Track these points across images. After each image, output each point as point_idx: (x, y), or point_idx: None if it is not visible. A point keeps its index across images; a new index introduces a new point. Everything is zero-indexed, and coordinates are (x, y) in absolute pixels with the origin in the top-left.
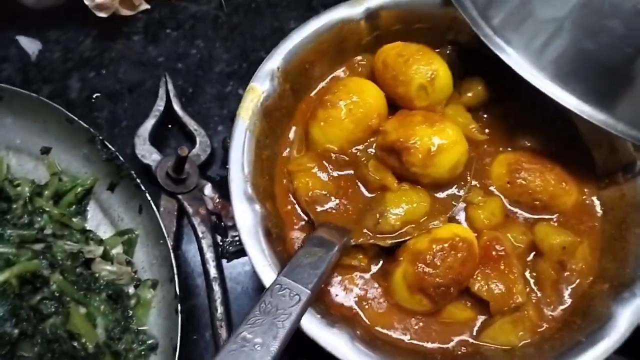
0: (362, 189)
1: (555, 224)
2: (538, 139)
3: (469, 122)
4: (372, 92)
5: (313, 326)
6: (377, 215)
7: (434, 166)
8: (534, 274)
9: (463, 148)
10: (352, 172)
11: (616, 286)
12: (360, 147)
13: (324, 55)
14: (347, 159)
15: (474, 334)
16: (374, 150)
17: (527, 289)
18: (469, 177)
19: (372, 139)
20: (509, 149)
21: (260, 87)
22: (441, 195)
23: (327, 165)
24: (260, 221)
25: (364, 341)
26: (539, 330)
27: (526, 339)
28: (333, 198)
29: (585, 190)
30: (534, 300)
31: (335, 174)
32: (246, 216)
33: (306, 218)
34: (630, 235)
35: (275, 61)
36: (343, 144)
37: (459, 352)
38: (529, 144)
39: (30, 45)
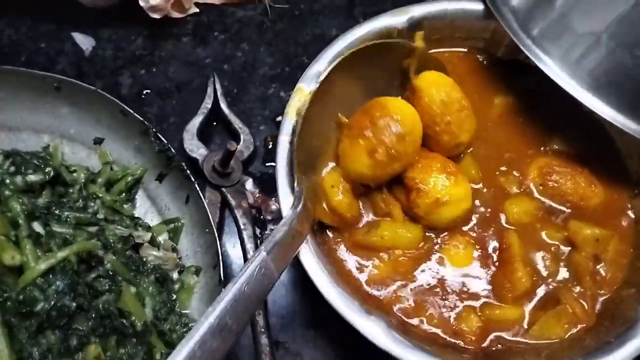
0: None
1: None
2: (569, 143)
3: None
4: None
5: (352, 313)
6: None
7: (436, 215)
8: (571, 269)
9: (467, 205)
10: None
11: None
12: None
13: None
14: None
15: (522, 331)
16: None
17: (547, 279)
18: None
19: None
20: (541, 150)
21: (306, 88)
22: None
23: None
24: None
25: (400, 330)
26: (581, 324)
27: (571, 331)
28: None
29: (615, 196)
30: (575, 295)
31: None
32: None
33: None
34: None
35: (321, 64)
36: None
37: (493, 349)
38: (559, 147)
39: (84, 41)
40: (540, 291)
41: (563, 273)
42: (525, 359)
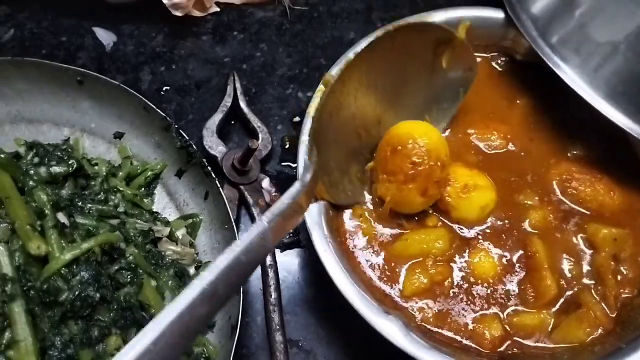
0: None
1: None
2: (590, 148)
3: None
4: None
5: (370, 313)
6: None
7: (467, 200)
8: (594, 271)
9: (494, 195)
10: None
11: None
12: None
13: None
14: None
15: (543, 336)
16: None
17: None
18: None
19: None
20: (560, 157)
21: None
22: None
23: None
24: (323, 212)
25: (418, 331)
26: (602, 328)
27: (593, 335)
28: None
29: (634, 199)
30: (596, 299)
31: None
32: (312, 208)
33: None
34: None
35: (341, 66)
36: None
37: (509, 353)
38: (580, 153)
39: (105, 37)
40: (565, 296)
41: (586, 276)
42: None
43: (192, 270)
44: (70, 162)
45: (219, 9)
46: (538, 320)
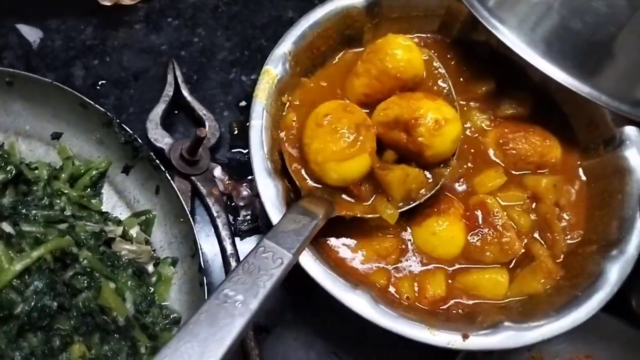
0: None
1: None
2: (518, 105)
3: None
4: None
5: (338, 289)
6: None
7: (440, 136)
8: (539, 221)
9: (461, 125)
10: None
11: (604, 246)
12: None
13: (329, 40)
14: None
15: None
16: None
17: (527, 241)
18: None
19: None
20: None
21: (274, 70)
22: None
23: None
24: (281, 194)
25: (384, 301)
26: (555, 277)
27: (548, 285)
28: None
29: (567, 155)
30: (545, 254)
31: None
32: (269, 190)
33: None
34: (614, 201)
35: (286, 45)
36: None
37: (454, 312)
38: (509, 111)
39: (31, 33)
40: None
41: (533, 228)
42: (502, 316)
43: (150, 268)
44: (7, 169)
45: None
46: (493, 277)
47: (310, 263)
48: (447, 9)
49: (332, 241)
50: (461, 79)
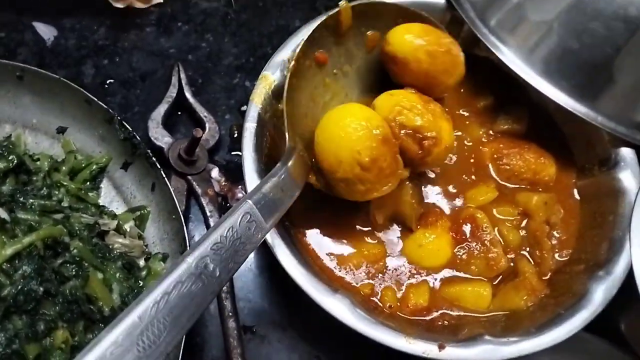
0: None
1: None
2: (515, 121)
3: None
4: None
5: (318, 293)
6: None
7: (439, 159)
8: (529, 238)
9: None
10: None
11: (592, 266)
12: None
13: None
14: None
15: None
16: None
17: (514, 256)
18: None
19: None
20: (491, 133)
21: (271, 76)
22: None
23: None
24: None
25: (364, 307)
26: (539, 295)
27: (530, 302)
28: None
29: (563, 173)
30: (532, 268)
31: None
32: None
33: None
34: (605, 222)
35: (285, 53)
36: None
37: (446, 324)
38: (505, 127)
39: (46, 31)
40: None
41: (522, 245)
42: (483, 329)
43: (141, 262)
44: (10, 158)
45: (162, 0)
46: (476, 290)
47: (291, 264)
48: (447, 25)
49: (319, 243)
50: (462, 90)
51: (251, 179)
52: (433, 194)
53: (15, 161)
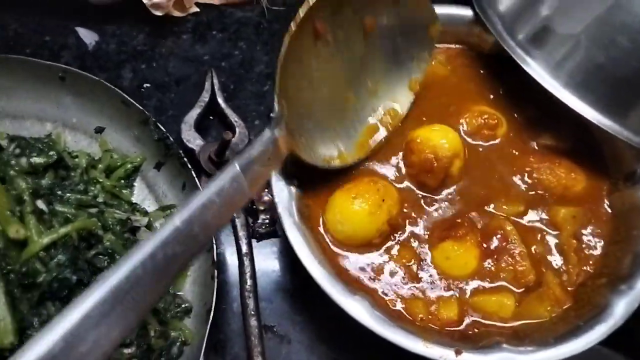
0: None
1: None
2: (556, 137)
3: None
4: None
5: (336, 293)
6: None
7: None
8: (557, 251)
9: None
10: None
11: (614, 280)
12: None
13: None
14: None
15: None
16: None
17: (543, 268)
18: None
19: None
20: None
21: None
22: None
23: None
24: (294, 199)
25: (382, 310)
26: (563, 306)
27: (554, 313)
28: None
29: (595, 186)
30: (556, 278)
31: None
32: (283, 194)
33: None
34: (629, 237)
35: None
36: None
37: (469, 332)
38: (546, 142)
39: (88, 36)
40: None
41: (549, 256)
42: (503, 339)
43: None
44: (50, 154)
45: (198, 9)
46: (500, 300)
47: (313, 266)
48: (477, 37)
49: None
50: (500, 92)
51: (277, 182)
52: (459, 206)
53: (55, 157)
